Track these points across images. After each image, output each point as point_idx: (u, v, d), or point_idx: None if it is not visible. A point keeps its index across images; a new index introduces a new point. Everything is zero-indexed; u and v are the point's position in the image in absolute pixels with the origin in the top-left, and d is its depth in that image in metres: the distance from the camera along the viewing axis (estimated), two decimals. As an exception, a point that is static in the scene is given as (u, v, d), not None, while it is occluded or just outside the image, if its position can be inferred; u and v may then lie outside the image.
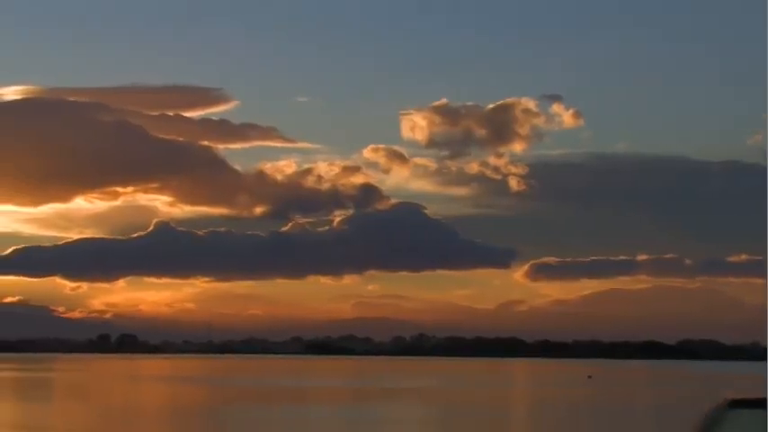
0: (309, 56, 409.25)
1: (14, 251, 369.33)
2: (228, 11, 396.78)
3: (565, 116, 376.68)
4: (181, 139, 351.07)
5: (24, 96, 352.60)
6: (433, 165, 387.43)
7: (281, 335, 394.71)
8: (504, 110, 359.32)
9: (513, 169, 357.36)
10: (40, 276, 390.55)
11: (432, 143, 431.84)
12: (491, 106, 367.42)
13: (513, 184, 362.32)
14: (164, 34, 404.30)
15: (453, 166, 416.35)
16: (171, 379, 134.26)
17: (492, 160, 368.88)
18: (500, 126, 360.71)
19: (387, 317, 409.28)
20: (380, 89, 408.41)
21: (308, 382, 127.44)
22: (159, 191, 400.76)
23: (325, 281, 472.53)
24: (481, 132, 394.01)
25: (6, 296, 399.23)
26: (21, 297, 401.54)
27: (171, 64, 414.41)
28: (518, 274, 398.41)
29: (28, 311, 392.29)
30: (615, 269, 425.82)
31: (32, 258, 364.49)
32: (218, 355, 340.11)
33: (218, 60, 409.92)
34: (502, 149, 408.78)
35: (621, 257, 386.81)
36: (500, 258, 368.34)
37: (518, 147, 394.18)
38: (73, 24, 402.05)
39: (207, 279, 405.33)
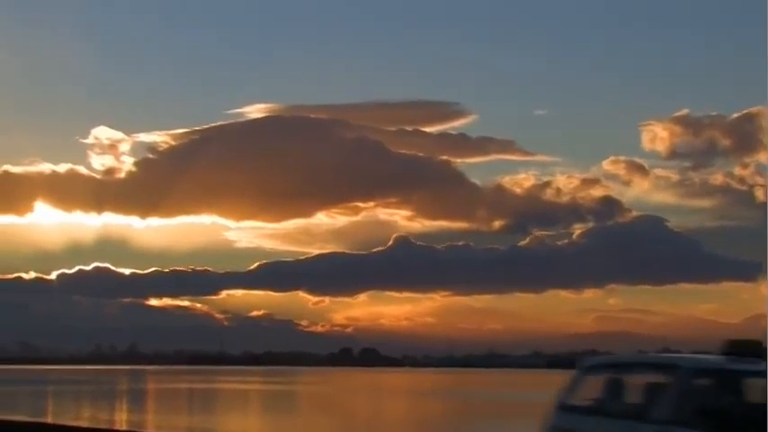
0: (548, 69, 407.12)
1: (259, 266, 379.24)
2: (466, 25, 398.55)
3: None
4: (420, 153, 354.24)
5: (267, 114, 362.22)
6: (675, 176, 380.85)
7: (521, 349, 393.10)
8: (750, 119, 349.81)
9: (760, 180, 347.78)
10: (283, 291, 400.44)
11: (673, 154, 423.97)
12: (736, 116, 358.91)
13: (760, 194, 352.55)
14: (402, 50, 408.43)
15: (696, 177, 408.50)
16: (413, 392, 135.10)
17: (737, 171, 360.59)
18: (745, 136, 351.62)
19: (629, 331, 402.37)
20: (619, 100, 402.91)
21: (549, 396, 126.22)
22: (399, 205, 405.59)
23: (565, 295, 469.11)
24: (725, 142, 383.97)
25: (253, 310, 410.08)
26: (266, 311, 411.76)
27: (409, 79, 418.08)
28: (765, 287, 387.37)
29: (273, 325, 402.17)
30: None
31: (276, 273, 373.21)
32: (459, 369, 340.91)
33: (456, 75, 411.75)
34: (747, 159, 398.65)
35: None
36: (746, 271, 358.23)
37: (764, 156, 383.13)
38: (314, 41, 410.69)
39: (446, 293, 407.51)
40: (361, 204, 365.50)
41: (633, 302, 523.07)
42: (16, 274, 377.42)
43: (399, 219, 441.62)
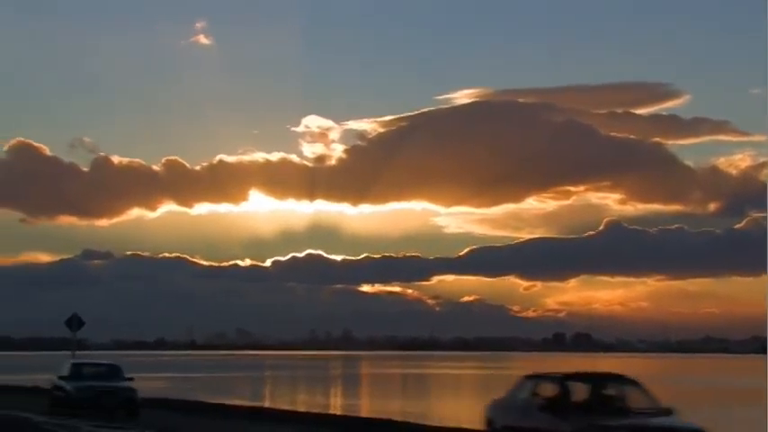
0: (764, 46, 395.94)
1: (470, 251, 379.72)
2: (679, 6, 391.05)
3: None
4: (631, 136, 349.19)
5: (476, 99, 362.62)
6: None
7: (739, 333, 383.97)
8: None
9: None
10: (494, 276, 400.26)
11: None
12: None
13: None
14: (610, 31, 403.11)
15: None
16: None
17: None
18: None
19: None
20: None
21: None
22: (610, 189, 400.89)
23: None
24: None
25: (464, 295, 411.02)
26: (477, 296, 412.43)
27: (618, 61, 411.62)
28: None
29: (484, 310, 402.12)
30: None
31: (487, 258, 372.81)
32: (674, 354, 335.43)
33: (668, 55, 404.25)
34: None
35: None
36: None
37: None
38: (521, 26, 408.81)
39: (660, 277, 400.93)
40: (571, 188, 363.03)
41: None
42: (233, 262, 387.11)
43: (611, 202, 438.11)
